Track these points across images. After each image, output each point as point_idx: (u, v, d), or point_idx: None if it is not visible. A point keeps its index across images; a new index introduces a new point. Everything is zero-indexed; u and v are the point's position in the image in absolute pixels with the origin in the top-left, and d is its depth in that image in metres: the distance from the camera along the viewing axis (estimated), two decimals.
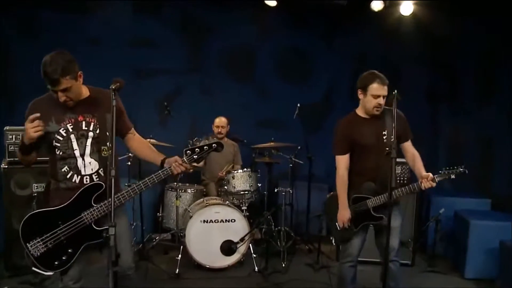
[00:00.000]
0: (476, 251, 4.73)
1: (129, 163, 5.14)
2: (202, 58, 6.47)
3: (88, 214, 2.84)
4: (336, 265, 4.92)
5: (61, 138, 2.86)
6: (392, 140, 3.29)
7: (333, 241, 4.01)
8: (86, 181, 2.92)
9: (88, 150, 2.91)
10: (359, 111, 3.66)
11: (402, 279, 3.75)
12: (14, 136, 4.45)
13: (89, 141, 2.91)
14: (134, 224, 5.24)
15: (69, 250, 2.84)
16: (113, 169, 2.65)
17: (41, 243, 2.80)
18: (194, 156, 2.96)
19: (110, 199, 2.61)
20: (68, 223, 2.82)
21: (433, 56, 6.43)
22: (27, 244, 2.80)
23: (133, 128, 3.19)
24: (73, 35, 5.74)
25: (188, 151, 2.95)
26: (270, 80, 6.63)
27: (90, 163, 2.92)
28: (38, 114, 2.70)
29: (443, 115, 6.41)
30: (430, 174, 3.39)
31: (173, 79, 6.39)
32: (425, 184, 3.38)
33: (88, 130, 2.91)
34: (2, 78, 5.60)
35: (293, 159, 5.44)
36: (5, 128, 4.48)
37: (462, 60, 6.19)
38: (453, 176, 3.42)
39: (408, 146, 3.66)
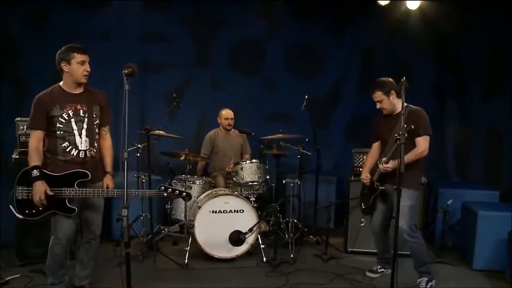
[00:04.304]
0: (485, 242, 4.71)
1: (138, 155, 5.18)
2: (211, 51, 6.52)
3: (67, 191, 3.47)
4: (345, 256, 5.11)
5: (63, 121, 3.51)
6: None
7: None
8: (81, 155, 3.56)
9: (83, 131, 3.56)
10: None
11: (425, 256, 4.19)
12: (25, 126, 4.49)
13: (84, 124, 3.58)
14: (143, 215, 5.28)
15: (40, 208, 3.45)
16: (126, 151, 2.79)
17: (25, 191, 3.45)
18: (164, 194, 3.52)
19: (88, 189, 3.48)
20: (52, 188, 3.43)
21: (440, 50, 6.42)
22: (17, 186, 3.47)
23: (108, 127, 3.84)
24: (83, 30, 5.79)
25: (162, 187, 3.53)
26: (278, 74, 6.67)
27: (85, 140, 3.57)
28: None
29: (451, 109, 6.41)
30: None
31: (182, 72, 6.44)
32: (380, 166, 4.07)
33: (85, 117, 3.58)
34: (11, 71, 5.64)
35: (301, 150, 5.47)
36: (16, 119, 4.53)
37: (470, 54, 6.19)
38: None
39: (417, 140, 3.99)
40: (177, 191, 3.53)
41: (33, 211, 3.45)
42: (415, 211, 4.11)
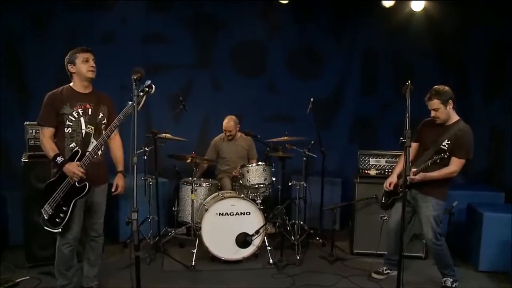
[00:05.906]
0: (490, 244, 4.73)
1: (145, 158, 5.22)
2: (213, 53, 6.52)
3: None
4: (350, 258, 5.14)
5: (73, 119, 3.61)
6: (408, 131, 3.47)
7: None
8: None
9: (92, 131, 3.64)
10: None
11: (449, 261, 4.29)
12: (34, 130, 4.52)
13: (92, 124, 3.65)
14: (150, 218, 5.32)
15: (64, 208, 3.52)
16: (135, 156, 2.82)
17: (48, 207, 3.54)
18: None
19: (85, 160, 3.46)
20: (60, 187, 3.52)
21: (443, 51, 6.44)
22: (41, 209, 3.56)
23: (116, 130, 3.75)
24: (85, 32, 5.81)
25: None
26: (280, 76, 6.67)
27: (92, 142, 3.63)
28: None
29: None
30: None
31: (184, 75, 6.44)
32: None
33: (93, 116, 3.66)
34: (15, 74, 5.66)
35: (307, 152, 5.49)
36: (25, 123, 4.55)
37: (472, 55, 6.21)
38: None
39: (452, 160, 4.02)
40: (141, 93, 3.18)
41: (61, 215, 3.53)
42: (440, 220, 4.17)
